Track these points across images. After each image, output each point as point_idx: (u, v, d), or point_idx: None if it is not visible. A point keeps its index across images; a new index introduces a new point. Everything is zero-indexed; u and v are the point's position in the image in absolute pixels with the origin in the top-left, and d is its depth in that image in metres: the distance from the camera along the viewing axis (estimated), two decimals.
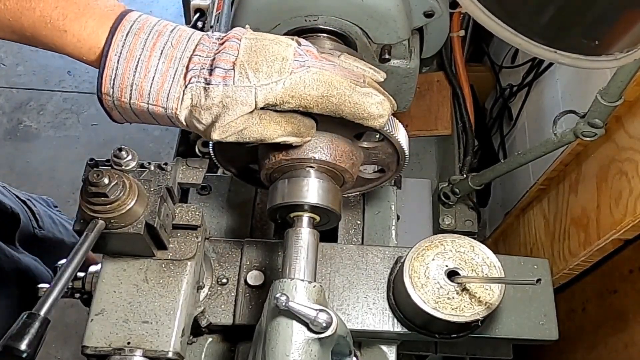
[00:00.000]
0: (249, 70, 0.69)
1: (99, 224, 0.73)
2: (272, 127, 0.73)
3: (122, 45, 0.69)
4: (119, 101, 0.71)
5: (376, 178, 0.97)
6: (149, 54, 0.69)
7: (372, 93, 0.74)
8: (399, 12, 0.99)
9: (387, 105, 0.75)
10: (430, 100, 1.70)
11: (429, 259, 0.90)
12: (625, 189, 1.11)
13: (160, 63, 0.69)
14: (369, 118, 0.74)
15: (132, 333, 0.79)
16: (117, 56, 0.69)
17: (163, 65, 0.69)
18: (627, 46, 0.71)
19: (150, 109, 0.71)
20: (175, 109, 0.70)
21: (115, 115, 0.74)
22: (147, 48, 0.69)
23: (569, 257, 1.33)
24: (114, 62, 0.69)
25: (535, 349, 1.25)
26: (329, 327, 0.71)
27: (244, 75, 0.69)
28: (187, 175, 0.86)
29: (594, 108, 1.10)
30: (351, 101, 0.72)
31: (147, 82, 0.69)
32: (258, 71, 0.69)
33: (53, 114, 2.79)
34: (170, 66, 0.70)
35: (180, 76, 0.70)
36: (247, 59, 0.70)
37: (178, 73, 0.70)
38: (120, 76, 0.69)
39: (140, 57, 0.69)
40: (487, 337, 0.96)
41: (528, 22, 0.68)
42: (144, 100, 0.70)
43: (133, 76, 0.69)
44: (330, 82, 0.71)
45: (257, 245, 0.99)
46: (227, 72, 0.69)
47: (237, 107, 0.69)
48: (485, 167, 1.48)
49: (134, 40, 0.69)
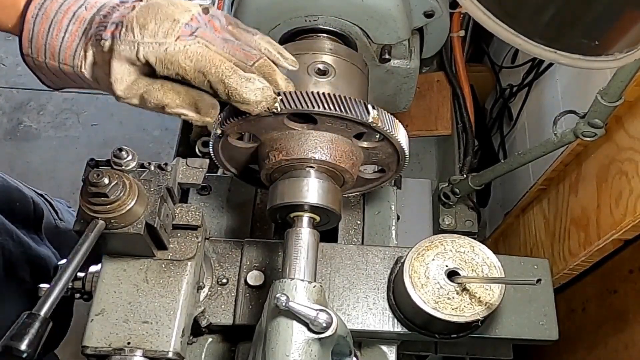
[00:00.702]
0: (136, 26, 0.71)
1: (99, 224, 0.73)
2: (170, 95, 0.74)
3: (39, 8, 0.73)
4: (37, 61, 0.74)
5: (376, 178, 0.97)
6: (62, 16, 0.73)
7: (255, 79, 0.73)
8: (399, 12, 0.99)
9: (268, 93, 0.74)
10: (430, 100, 1.70)
11: (429, 259, 0.90)
12: (625, 189, 1.11)
13: (71, 24, 0.73)
14: (243, 102, 0.73)
15: (132, 333, 0.79)
16: (34, 18, 0.72)
17: (73, 26, 0.73)
18: (627, 46, 0.71)
19: (61, 67, 0.74)
20: (79, 66, 0.73)
21: (41, 77, 0.78)
22: (62, 11, 0.73)
23: (569, 257, 1.33)
24: (31, 24, 0.73)
25: (535, 349, 1.25)
26: (329, 327, 0.71)
27: (130, 30, 0.71)
28: (187, 175, 0.86)
29: (594, 108, 1.10)
30: (227, 82, 0.72)
31: (58, 42, 0.73)
32: (144, 28, 0.71)
33: (53, 114, 2.79)
34: (79, 27, 0.73)
35: (84, 36, 0.73)
36: (137, 15, 0.71)
37: (84, 33, 0.73)
38: (36, 36, 0.73)
39: (54, 18, 0.72)
40: (487, 337, 0.96)
41: (528, 22, 0.68)
42: (55, 59, 0.73)
43: (46, 36, 0.72)
44: (211, 59, 0.72)
45: (257, 245, 0.99)
46: (117, 26, 0.71)
47: (122, 61, 0.71)
48: (485, 167, 1.48)
49: (51, 4, 0.73)
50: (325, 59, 0.92)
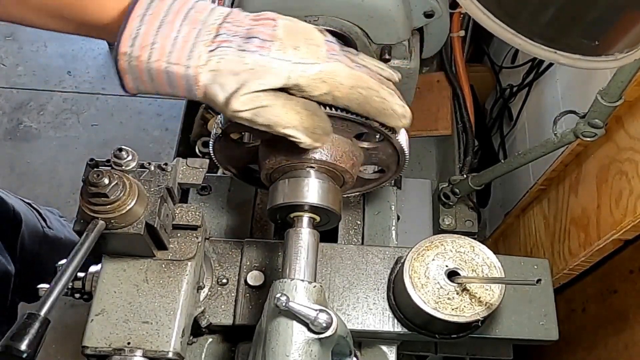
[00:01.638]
0: (289, 46, 0.69)
1: (99, 224, 0.73)
2: (292, 114, 0.71)
3: (146, 7, 0.69)
4: (136, 61, 0.69)
5: (376, 178, 0.97)
6: (173, 17, 0.69)
7: (395, 93, 0.75)
8: (399, 12, 0.99)
9: (408, 109, 0.77)
10: (430, 101, 1.70)
11: (429, 259, 0.90)
12: (626, 189, 1.11)
13: (184, 25, 0.69)
14: (393, 116, 0.75)
15: (132, 333, 0.79)
16: (141, 16, 0.68)
17: (187, 27, 0.69)
18: (627, 46, 0.71)
19: (169, 68, 0.69)
20: (196, 67, 0.68)
21: (126, 80, 0.72)
22: (172, 12, 0.69)
23: (569, 257, 1.33)
24: (137, 22, 0.68)
25: (535, 349, 1.25)
26: (329, 327, 0.71)
27: (282, 50, 0.69)
28: (187, 175, 0.86)
29: (594, 108, 1.10)
30: (379, 96, 0.73)
31: (170, 41, 0.68)
32: (297, 49, 0.70)
33: (53, 114, 2.79)
34: (193, 28, 0.69)
35: (206, 38, 0.69)
36: (287, 36, 0.70)
37: (203, 35, 0.69)
38: (142, 35, 0.68)
39: (164, 18, 0.68)
40: (487, 338, 0.96)
41: (528, 22, 0.68)
42: (164, 59, 0.68)
43: (155, 35, 0.68)
44: (360, 76, 0.72)
45: (257, 246, 0.99)
46: (265, 43, 0.69)
47: (268, 77, 0.68)
48: (485, 167, 1.48)
49: (160, 3, 0.69)
50: None
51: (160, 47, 0.68)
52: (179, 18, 0.69)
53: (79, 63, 2.93)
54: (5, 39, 2.96)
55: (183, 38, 0.68)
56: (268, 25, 0.71)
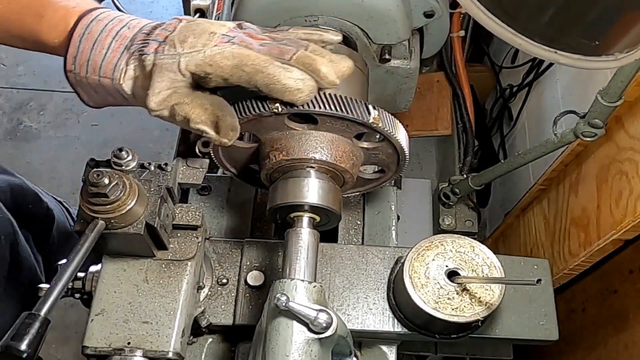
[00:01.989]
0: (177, 42, 0.75)
1: (99, 224, 0.73)
2: (197, 110, 0.77)
3: (85, 29, 0.78)
4: (79, 77, 0.79)
5: (376, 178, 0.97)
6: (106, 35, 0.78)
7: (294, 69, 0.75)
8: (399, 12, 0.99)
9: (309, 83, 0.75)
10: (430, 101, 1.70)
11: (429, 259, 0.90)
12: (626, 189, 1.11)
13: (114, 41, 0.77)
14: (284, 91, 0.75)
15: (132, 333, 0.79)
16: (80, 37, 0.78)
17: (115, 43, 0.77)
18: (627, 46, 0.71)
19: (101, 81, 0.78)
20: (119, 79, 0.77)
21: (80, 94, 0.83)
22: (106, 31, 0.78)
23: (569, 257, 1.33)
24: (77, 42, 0.78)
25: (535, 349, 1.25)
26: (329, 327, 0.71)
27: (172, 46, 0.75)
28: (187, 175, 0.86)
29: (594, 108, 1.10)
30: (265, 72, 0.74)
31: (100, 57, 0.77)
32: (184, 42, 0.75)
33: (53, 114, 2.79)
34: (121, 44, 0.77)
35: (126, 51, 0.77)
36: (178, 33, 0.76)
37: (126, 49, 0.77)
38: (80, 53, 0.78)
39: (98, 37, 0.78)
40: (487, 338, 0.96)
41: (528, 22, 0.68)
42: (96, 74, 0.78)
43: (89, 53, 0.77)
44: (246, 54, 0.75)
45: (257, 246, 0.99)
46: (160, 44, 0.76)
47: (164, 74, 0.75)
48: (485, 167, 1.48)
49: (96, 25, 0.78)
50: None
51: (94, 63, 0.77)
52: (110, 36, 0.78)
53: None
54: None
55: (111, 54, 0.77)
56: (169, 26, 0.78)
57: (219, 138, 0.78)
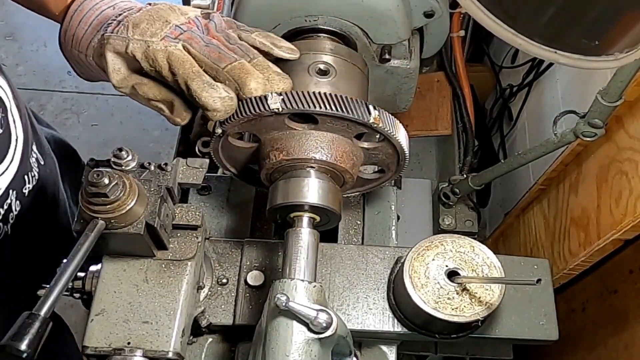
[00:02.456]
0: (131, 25, 0.79)
1: (99, 224, 0.73)
2: (154, 90, 0.81)
3: (79, 5, 0.84)
4: (67, 49, 0.85)
5: (376, 178, 0.97)
6: (92, 12, 0.83)
7: (219, 87, 0.77)
8: (399, 12, 0.99)
9: (229, 103, 0.78)
10: (430, 100, 1.70)
11: (429, 259, 0.90)
12: (625, 189, 1.11)
13: (95, 19, 0.82)
14: (204, 107, 0.78)
15: (132, 333, 0.79)
16: (73, 12, 0.84)
17: (96, 21, 0.82)
18: (627, 46, 0.71)
19: (80, 56, 0.84)
20: (91, 54, 0.82)
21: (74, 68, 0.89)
22: (94, 9, 0.83)
23: (569, 257, 1.33)
24: (69, 18, 0.84)
25: (535, 349, 1.25)
26: (329, 327, 0.71)
27: (125, 28, 0.79)
28: (187, 175, 0.86)
29: (594, 108, 1.10)
30: (190, 85, 0.77)
31: (82, 33, 0.83)
32: (136, 27, 0.78)
33: (53, 114, 2.79)
34: (100, 22, 0.82)
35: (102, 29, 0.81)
36: (137, 16, 0.80)
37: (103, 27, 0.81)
38: (69, 29, 0.84)
39: (86, 14, 0.83)
40: (487, 337, 0.96)
41: (528, 22, 0.68)
42: (76, 48, 0.84)
43: (75, 28, 0.83)
44: (183, 61, 0.77)
45: (257, 245, 0.99)
46: (119, 24, 0.80)
47: (113, 54, 0.79)
48: (485, 167, 1.48)
49: (89, 2, 0.84)
50: (325, 59, 0.92)
51: (76, 38, 0.83)
52: (94, 14, 0.83)
53: None
54: (5, 39, 2.96)
55: (90, 31, 0.82)
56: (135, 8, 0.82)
57: (172, 117, 0.83)
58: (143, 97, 0.82)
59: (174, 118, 0.83)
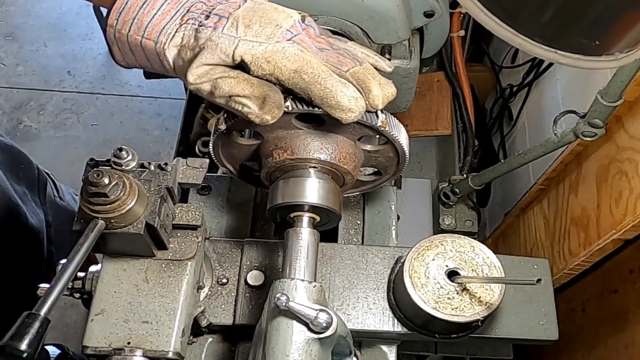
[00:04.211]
0: (241, 24, 0.72)
1: (99, 224, 0.73)
2: (243, 85, 0.73)
3: None
4: (119, 33, 0.75)
5: (372, 180, 0.97)
6: None
7: (350, 85, 0.73)
8: (399, 12, 0.99)
9: (361, 103, 0.73)
10: (430, 100, 1.70)
11: (429, 259, 0.90)
12: (626, 189, 1.11)
13: (166, 4, 0.74)
14: (336, 107, 0.72)
15: (132, 333, 0.79)
16: None
17: (167, 6, 0.74)
18: (627, 46, 0.71)
19: (143, 42, 0.75)
20: (163, 43, 0.74)
21: (114, 52, 0.79)
22: None
23: (569, 257, 1.33)
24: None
25: (535, 349, 1.25)
26: (329, 327, 0.71)
27: (234, 27, 0.72)
28: (187, 175, 0.86)
29: (594, 108, 1.10)
30: (323, 84, 0.72)
31: (148, 17, 0.74)
32: (248, 28, 0.72)
33: (53, 114, 2.79)
34: (173, 7, 0.74)
35: (178, 17, 0.74)
36: (244, 14, 0.73)
37: (178, 14, 0.74)
38: (126, 10, 0.74)
39: None
40: (487, 337, 0.96)
41: (528, 22, 0.68)
42: (139, 34, 0.74)
43: (137, 11, 0.74)
44: (309, 60, 0.72)
45: (257, 245, 0.99)
46: (221, 19, 0.73)
47: (215, 52, 0.72)
48: (485, 167, 1.48)
49: None
50: None
51: (139, 22, 0.74)
52: None
53: (79, 63, 2.93)
54: (5, 38, 2.96)
55: (160, 16, 0.74)
56: (233, 3, 0.74)
57: (262, 114, 0.73)
58: (226, 94, 0.73)
59: (263, 115, 0.73)
